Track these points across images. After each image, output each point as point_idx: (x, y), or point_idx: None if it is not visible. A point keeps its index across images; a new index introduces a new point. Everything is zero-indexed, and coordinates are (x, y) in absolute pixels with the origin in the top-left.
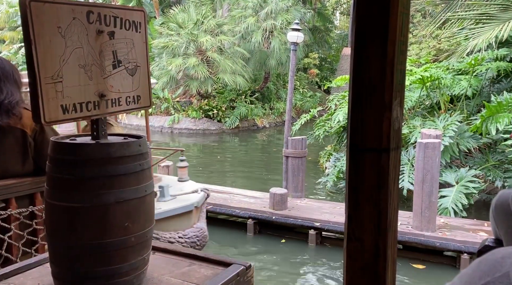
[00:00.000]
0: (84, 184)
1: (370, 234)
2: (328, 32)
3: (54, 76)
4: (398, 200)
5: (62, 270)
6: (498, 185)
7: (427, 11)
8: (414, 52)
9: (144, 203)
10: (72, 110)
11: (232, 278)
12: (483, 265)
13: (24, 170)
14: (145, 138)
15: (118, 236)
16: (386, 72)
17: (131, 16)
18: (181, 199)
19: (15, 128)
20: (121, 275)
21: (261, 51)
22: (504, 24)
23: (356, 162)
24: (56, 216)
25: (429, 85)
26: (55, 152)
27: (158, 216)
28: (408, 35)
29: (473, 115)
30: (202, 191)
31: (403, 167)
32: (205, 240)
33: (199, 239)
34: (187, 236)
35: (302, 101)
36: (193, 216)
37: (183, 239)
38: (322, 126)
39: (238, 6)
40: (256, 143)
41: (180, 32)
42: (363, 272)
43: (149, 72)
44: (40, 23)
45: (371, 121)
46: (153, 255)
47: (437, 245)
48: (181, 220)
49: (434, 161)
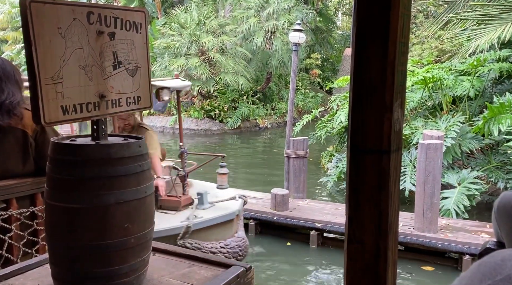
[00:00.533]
0: (84, 184)
1: (370, 236)
2: (330, 32)
3: (54, 77)
4: (399, 202)
5: (62, 271)
6: (500, 187)
7: (429, 11)
8: (417, 52)
9: (144, 204)
10: (72, 111)
11: (232, 280)
12: (483, 267)
13: (25, 170)
14: (145, 139)
15: (118, 237)
16: (387, 73)
17: (132, 16)
18: (221, 207)
19: (16, 129)
20: (121, 276)
21: (263, 51)
22: (507, 25)
23: (356, 163)
24: (56, 217)
25: (431, 86)
26: (55, 152)
27: (200, 225)
28: (409, 36)
29: (475, 116)
30: (240, 198)
31: (405, 168)
32: (246, 250)
33: (241, 249)
34: (229, 246)
35: (304, 101)
36: (234, 225)
37: (225, 249)
38: (324, 126)
39: (240, 7)
40: (257, 144)
41: (182, 32)
42: (363, 273)
43: (149, 73)
44: (40, 23)
45: (371, 123)
46: (153, 256)
47: (439, 246)
48: (222, 229)
49: (436, 162)
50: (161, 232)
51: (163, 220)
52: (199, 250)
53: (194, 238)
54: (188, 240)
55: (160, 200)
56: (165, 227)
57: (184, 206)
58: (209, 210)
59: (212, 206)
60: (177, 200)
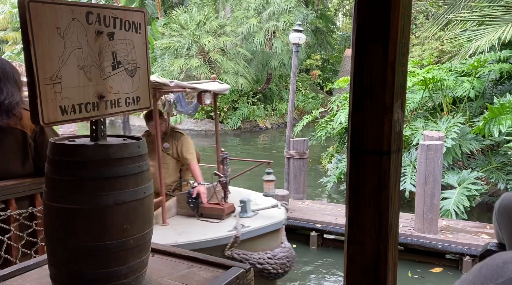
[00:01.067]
0: (83, 185)
1: (371, 237)
2: (331, 33)
3: (53, 77)
4: (399, 203)
5: (60, 272)
6: (501, 187)
7: (429, 12)
8: (417, 53)
9: (143, 205)
10: (71, 111)
11: (232, 281)
12: (485, 270)
13: (24, 171)
14: (144, 140)
15: (117, 238)
16: (387, 74)
17: (131, 17)
18: (266, 216)
19: (15, 129)
20: (120, 277)
21: (263, 52)
22: (507, 25)
23: (357, 164)
24: (55, 218)
25: (431, 86)
26: (53, 153)
27: (248, 235)
28: (409, 36)
29: (476, 117)
30: (282, 205)
31: (405, 169)
32: (293, 261)
33: (289, 260)
34: (276, 256)
35: (304, 102)
36: (280, 234)
37: (273, 260)
38: (324, 127)
39: (240, 7)
40: (258, 144)
41: (183, 33)
42: (363, 275)
43: (149, 73)
44: (39, 23)
45: (372, 123)
46: (152, 257)
47: (439, 247)
48: (269, 239)
49: (436, 163)
50: (208, 242)
51: (208, 229)
52: (246, 261)
53: (241, 248)
54: (235, 251)
55: (201, 207)
56: (212, 237)
57: (227, 215)
58: (253, 218)
59: (255, 215)
60: (220, 208)
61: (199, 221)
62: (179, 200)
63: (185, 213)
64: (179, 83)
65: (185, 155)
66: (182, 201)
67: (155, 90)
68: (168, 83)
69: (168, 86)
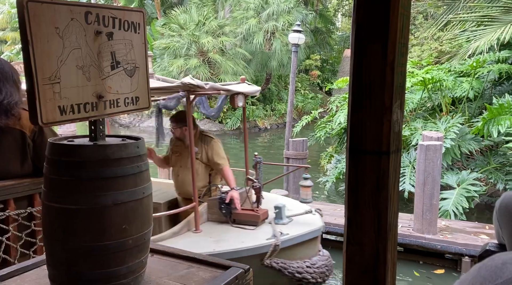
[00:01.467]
0: (82, 185)
1: (370, 237)
2: (330, 33)
3: (52, 77)
4: (398, 203)
5: (59, 273)
6: (500, 188)
7: (429, 13)
8: (416, 54)
9: (141, 205)
10: (69, 111)
11: (231, 281)
12: (484, 271)
13: (23, 171)
14: (143, 140)
15: (116, 239)
16: (386, 74)
17: (130, 16)
18: (302, 222)
19: (14, 129)
20: (119, 277)
21: (263, 52)
22: (506, 26)
23: (356, 165)
24: (53, 218)
25: (430, 87)
26: (52, 153)
27: (288, 242)
28: (408, 37)
29: (475, 118)
30: (317, 211)
31: (405, 169)
32: (332, 269)
33: (328, 269)
34: (315, 265)
35: (304, 102)
36: (318, 242)
37: (312, 268)
38: (323, 127)
39: (239, 8)
40: (257, 145)
41: (182, 33)
42: (363, 276)
43: (148, 73)
44: (37, 23)
45: (371, 124)
46: (151, 257)
47: (438, 247)
48: (307, 247)
49: (436, 164)
50: (247, 251)
51: (244, 237)
52: (285, 270)
53: (279, 257)
54: (274, 259)
55: (234, 213)
56: (251, 245)
57: (261, 221)
58: (289, 225)
59: (290, 221)
60: (255, 214)
61: (232, 228)
62: (210, 206)
63: (216, 219)
64: (213, 85)
65: (216, 160)
66: (213, 207)
67: (189, 92)
68: (203, 85)
69: (203, 88)
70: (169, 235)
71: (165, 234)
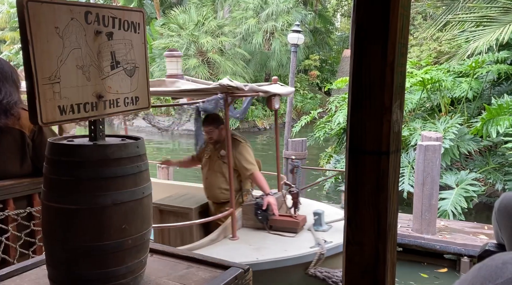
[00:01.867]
0: (81, 185)
1: (369, 237)
2: (329, 33)
3: (52, 77)
4: (397, 203)
5: (58, 272)
6: (499, 188)
7: (428, 13)
8: (415, 54)
9: (141, 205)
10: (69, 111)
11: (230, 281)
12: (484, 271)
13: (22, 171)
14: (143, 140)
15: (115, 238)
16: (386, 74)
17: (130, 16)
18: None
19: (14, 129)
20: (118, 277)
21: (262, 52)
22: (505, 26)
23: (355, 165)
24: (53, 218)
25: (429, 87)
26: (52, 153)
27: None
28: (408, 37)
29: (474, 118)
30: None
31: (404, 170)
32: None
33: None
34: None
35: (303, 102)
36: None
37: None
38: (322, 128)
39: (239, 8)
40: (256, 145)
41: (181, 33)
42: (362, 275)
43: (147, 73)
44: (37, 23)
45: (370, 124)
46: (151, 257)
47: (437, 248)
48: None
49: (435, 164)
50: (292, 260)
51: (286, 245)
52: (329, 279)
53: (322, 265)
54: (318, 269)
55: (272, 220)
56: (295, 254)
57: (301, 228)
58: (329, 232)
59: (330, 228)
60: (294, 221)
61: (270, 235)
62: (245, 212)
63: (252, 225)
64: (253, 86)
65: (244, 165)
66: (248, 213)
67: (227, 94)
68: (242, 87)
69: (242, 90)
70: (207, 243)
71: (203, 241)
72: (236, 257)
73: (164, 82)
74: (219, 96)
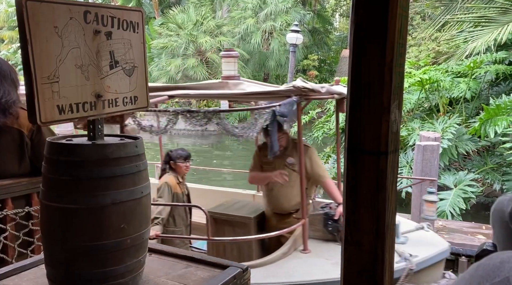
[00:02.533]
0: (80, 185)
1: (368, 237)
2: (328, 33)
3: (51, 76)
4: (396, 203)
5: (57, 272)
6: (496, 188)
7: (426, 13)
8: (413, 54)
9: (140, 204)
10: (68, 110)
11: (229, 281)
12: (481, 270)
13: (20, 170)
14: (142, 139)
15: (114, 238)
16: (384, 75)
17: (129, 16)
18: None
19: (12, 128)
20: (117, 277)
21: (261, 52)
22: (503, 27)
23: (354, 165)
24: (51, 217)
25: (428, 87)
26: (50, 152)
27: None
28: (407, 37)
29: (472, 118)
30: (428, 226)
31: (402, 170)
32: None
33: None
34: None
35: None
36: (443, 264)
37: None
38: (321, 127)
39: (237, 7)
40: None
41: (180, 32)
42: (360, 275)
43: (146, 72)
44: (36, 22)
45: (369, 124)
46: (150, 257)
47: None
48: (434, 270)
49: (433, 164)
50: None
51: None
52: None
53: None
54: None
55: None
56: None
57: None
58: (408, 245)
59: (407, 240)
60: None
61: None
62: (313, 223)
63: (320, 236)
64: (329, 88)
65: (318, 171)
66: (316, 224)
67: (301, 97)
68: (319, 89)
69: (319, 92)
70: (279, 257)
71: (275, 256)
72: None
73: (227, 84)
74: (294, 98)
